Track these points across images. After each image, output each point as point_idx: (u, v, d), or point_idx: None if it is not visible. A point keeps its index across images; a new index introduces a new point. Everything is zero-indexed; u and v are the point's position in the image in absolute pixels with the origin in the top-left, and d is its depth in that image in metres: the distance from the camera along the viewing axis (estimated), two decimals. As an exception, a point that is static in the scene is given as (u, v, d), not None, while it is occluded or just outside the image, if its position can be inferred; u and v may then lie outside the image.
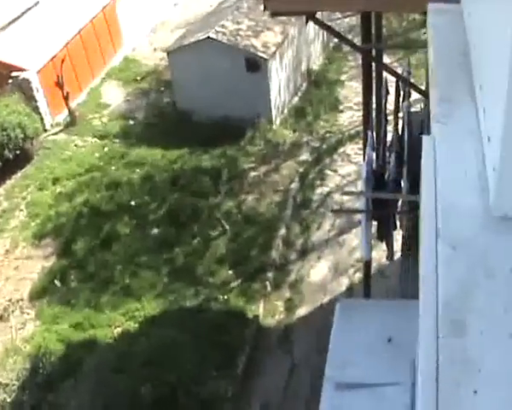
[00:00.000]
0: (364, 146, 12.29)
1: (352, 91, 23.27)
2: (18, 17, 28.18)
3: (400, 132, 12.41)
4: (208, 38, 20.72)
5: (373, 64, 12.64)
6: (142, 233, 18.28)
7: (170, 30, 29.46)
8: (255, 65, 20.49)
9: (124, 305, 16.20)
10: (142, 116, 23.86)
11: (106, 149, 22.26)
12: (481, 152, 2.40)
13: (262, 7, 8.26)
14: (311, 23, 11.64)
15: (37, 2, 30.54)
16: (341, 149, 20.89)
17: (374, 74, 13.01)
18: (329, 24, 15.01)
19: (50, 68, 23.75)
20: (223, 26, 21.22)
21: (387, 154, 12.88)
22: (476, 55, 2.87)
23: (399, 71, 13.91)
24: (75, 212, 19.42)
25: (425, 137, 2.84)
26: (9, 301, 16.93)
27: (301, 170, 20.14)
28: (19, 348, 15.39)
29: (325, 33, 23.88)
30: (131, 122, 23.65)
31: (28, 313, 16.63)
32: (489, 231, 2.10)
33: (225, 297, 15.99)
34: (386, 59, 18.38)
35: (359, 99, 16.95)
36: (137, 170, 20.52)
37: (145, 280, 16.73)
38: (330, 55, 25.78)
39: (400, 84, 12.06)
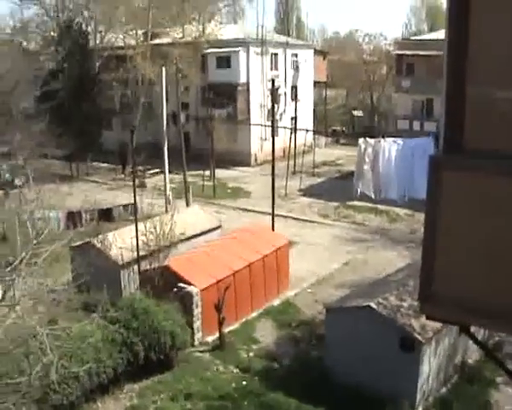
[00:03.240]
0: None
1: (506, 397, 22.08)
2: (198, 234, 30.31)
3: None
4: (368, 306, 20.92)
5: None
6: None
7: (334, 286, 30.16)
8: (409, 345, 20.23)
9: None
10: (287, 362, 23.85)
11: (244, 382, 22.32)
12: None
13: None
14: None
15: (219, 226, 32.89)
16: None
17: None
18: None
19: (214, 290, 24.87)
20: (385, 298, 21.42)
21: None
22: None
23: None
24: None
25: None
26: None
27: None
28: None
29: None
30: (276, 365, 23.71)
31: None
32: None
33: None
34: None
35: None
36: (269, 414, 20.28)
37: None
38: (489, 352, 24.94)
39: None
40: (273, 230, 32.52)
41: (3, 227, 32.46)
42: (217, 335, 24.76)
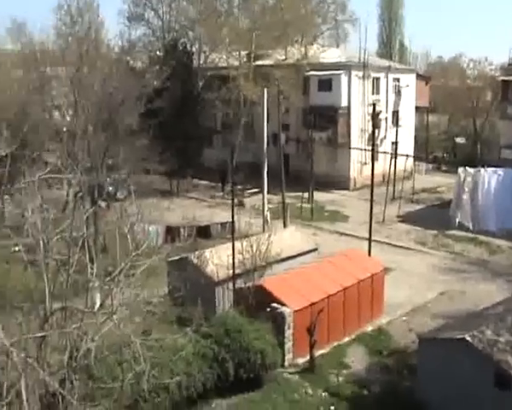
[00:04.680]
0: None
1: None
2: (293, 256, 30.29)
3: None
4: (463, 339, 20.32)
5: None
6: None
7: (430, 316, 29.51)
8: (505, 382, 19.49)
9: None
10: (377, 390, 23.43)
11: (332, 407, 22.12)
12: None
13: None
14: None
15: (316, 249, 32.78)
16: None
17: None
18: None
19: (307, 313, 24.80)
20: (482, 332, 20.73)
21: None
22: None
23: None
24: None
25: None
26: None
27: None
28: None
29: None
30: (365, 392, 23.35)
31: None
32: None
33: None
34: None
35: None
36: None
37: None
38: None
39: None
40: (369, 255, 32.15)
41: (104, 238, 33.50)
42: (307, 357, 24.67)
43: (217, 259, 27.89)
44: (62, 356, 15.03)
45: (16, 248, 18.96)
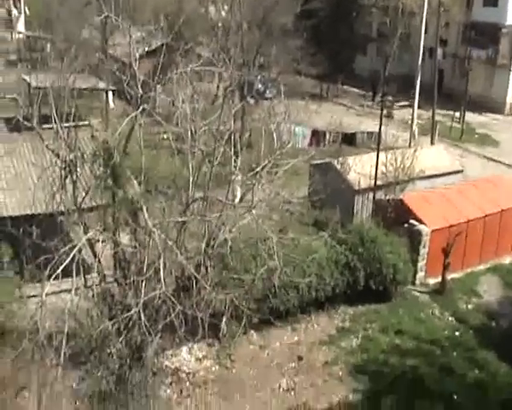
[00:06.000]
0: None
1: None
2: (437, 175, 29.55)
3: None
4: None
5: None
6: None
7: None
8: None
9: None
10: (506, 324, 22.70)
11: (457, 333, 21.88)
12: None
13: None
14: None
15: (461, 170, 31.77)
16: None
17: None
18: None
19: (445, 234, 24.32)
20: None
21: None
22: None
23: None
24: (394, 371, 19.32)
25: None
26: None
27: None
28: None
29: None
30: (493, 324, 22.76)
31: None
32: None
33: None
34: None
35: None
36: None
37: None
38: None
39: None
40: (517, 185, 30.82)
41: (250, 134, 33.95)
42: (439, 279, 24.34)
43: (359, 167, 27.73)
44: (200, 243, 15.53)
45: (165, 136, 19.52)
